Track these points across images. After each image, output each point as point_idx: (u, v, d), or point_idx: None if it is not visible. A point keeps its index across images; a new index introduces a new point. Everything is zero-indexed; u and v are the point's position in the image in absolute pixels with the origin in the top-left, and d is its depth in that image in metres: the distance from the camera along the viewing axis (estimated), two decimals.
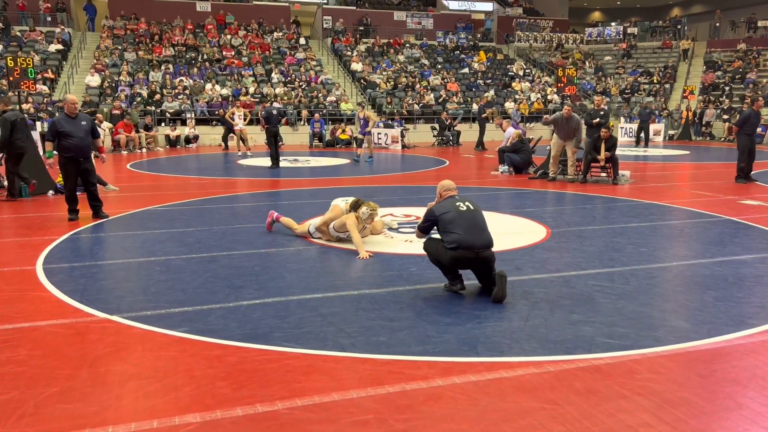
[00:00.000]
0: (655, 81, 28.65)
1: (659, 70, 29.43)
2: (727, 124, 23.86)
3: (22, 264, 5.90)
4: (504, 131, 15.17)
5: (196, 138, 21.06)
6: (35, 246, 6.62)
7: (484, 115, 20.42)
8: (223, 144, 20.20)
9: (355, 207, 6.56)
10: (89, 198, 8.27)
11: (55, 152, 8.12)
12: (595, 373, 3.56)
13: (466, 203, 5.05)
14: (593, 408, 3.17)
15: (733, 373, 3.56)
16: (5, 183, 10.81)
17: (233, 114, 18.99)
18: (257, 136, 19.39)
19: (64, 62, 24.25)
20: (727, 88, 26.51)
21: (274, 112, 14.62)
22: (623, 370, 3.59)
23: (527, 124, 23.70)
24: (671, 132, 24.73)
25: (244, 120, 18.54)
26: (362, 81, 26.42)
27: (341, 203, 6.83)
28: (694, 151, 19.70)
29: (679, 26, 32.80)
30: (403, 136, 20.92)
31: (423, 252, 6.32)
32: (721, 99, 25.08)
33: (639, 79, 29.19)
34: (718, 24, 31.86)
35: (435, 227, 5.11)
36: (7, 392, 3.29)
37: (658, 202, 9.51)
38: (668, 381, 3.45)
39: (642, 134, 21.64)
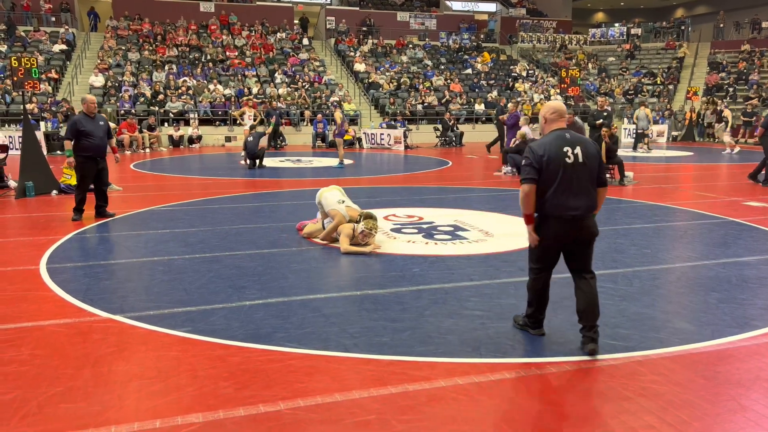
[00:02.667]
0: (658, 82, 28.59)
1: (663, 71, 29.38)
2: (720, 124, 23.74)
3: (25, 263, 5.91)
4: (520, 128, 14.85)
5: (199, 138, 21.09)
6: (39, 245, 6.63)
7: (502, 117, 19.65)
8: (273, 145, 20.03)
9: (360, 218, 6.50)
10: (99, 197, 8.30)
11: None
12: (598, 374, 3.55)
13: (577, 149, 3.75)
14: (596, 410, 3.16)
15: (737, 375, 3.55)
16: (9, 182, 10.84)
17: (243, 113, 18.97)
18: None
19: (68, 62, 24.32)
20: (731, 89, 26.45)
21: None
22: (626, 371, 3.58)
23: (532, 125, 23.64)
24: (675, 133, 24.67)
25: (254, 120, 18.50)
26: (365, 81, 26.43)
27: (341, 208, 6.69)
28: (698, 152, 19.65)
29: (683, 27, 32.73)
30: (405, 136, 20.91)
31: (426, 252, 6.34)
32: (714, 101, 24.93)
33: (642, 80, 29.14)
34: (722, 25, 31.79)
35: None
36: (10, 392, 3.30)
37: (661, 204, 9.49)
38: (672, 383, 3.44)
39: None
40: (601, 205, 3.95)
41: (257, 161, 14.37)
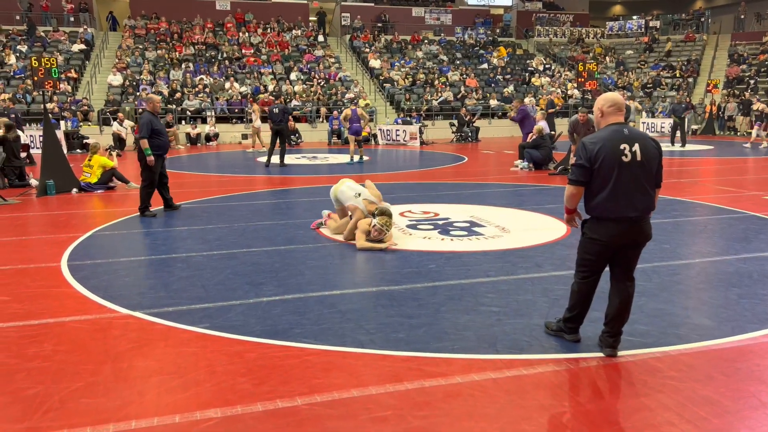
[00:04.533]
0: (678, 75, 28.20)
1: (682, 63, 28.98)
2: (748, 118, 23.37)
3: (47, 261, 6.01)
4: (537, 123, 14.49)
5: (216, 136, 21.24)
6: (60, 243, 6.73)
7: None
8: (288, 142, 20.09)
9: (375, 214, 6.45)
10: (165, 192, 8.54)
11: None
12: (616, 370, 3.53)
13: (635, 147, 3.50)
14: (614, 406, 3.14)
15: (758, 372, 3.51)
16: (31, 181, 11.02)
17: (255, 111, 19.04)
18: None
19: (87, 62, 24.60)
20: (752, 82, 26.02)
21: (276, 110, 14.30)
22: (645, 368, 3.55)
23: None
24: (695, 126, 24.34)
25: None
26: (380, 78, 26.40)
27: (360, 203, 6.67)
28: (718, 145, 19.37)
29: (702, 19, 32.23)
30: (421, 132, 20.86)
31: (442, 248, 6.33)
32: (736, 93, 24.50)
33: (661, 73, 28.77)
34: (743, 16, 31.25)
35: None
36: (33, 387, 3.36)
37: (680, 198, 9.37)
38: (691, 379, 3.40)
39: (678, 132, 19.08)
40: (655, 206, 3.72)
41: (281, 159, 14.26)
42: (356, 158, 15.03)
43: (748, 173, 12.31)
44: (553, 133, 14.93)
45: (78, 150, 18.25)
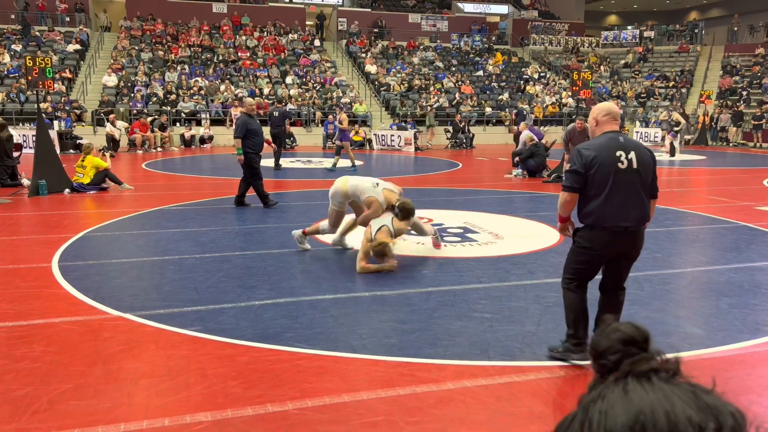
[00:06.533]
0: (671, 85, 28.40)
1: (676, 74, 29.19)
2: (738, 128, 23.56)
3: (38, 261, 5.97)
4: (521, 133, 14.65)
5: (210, 138, 21.19)
6: (51, 243, 6.69)
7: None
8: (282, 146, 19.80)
9: (395, 206, 5.94)
10: (244, 189, 9.00)
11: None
12: None
13: (631, 155, 3.46)
14: None
15: (749, 381, 3.52)
16: (23, 181, 10.95)
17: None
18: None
19: (82, 62, 24.52)
20: (744, 93, 26.23)
21: (276, 114, 14.45)
22: None
23: (542, 128, 23.56)
24: (687, 137, 24.49)
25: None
26: (376, 83, 26.44)
27: (378, 193, 6.05)
28: (710, 156, 19.49)
29: (696, 30, 32.49)
30: (416, 138, 20.90)
31: (435, 254, 6.33)
32: (729, 104, 24.71)
33: (655, 83, 28.96)
34: (736, 28, 31.53)
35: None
36: (22, 388, 3.33)
37: (673, 208, 9.42)
38: None
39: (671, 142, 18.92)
40: (651, 217, 3.65)
41: (276, 162, 14.23)
42: (339, 163, 14.37)
43: (741, 183, 12.39)
44: (546, 141, 14.98)
45: (71, 150, 18.16)
